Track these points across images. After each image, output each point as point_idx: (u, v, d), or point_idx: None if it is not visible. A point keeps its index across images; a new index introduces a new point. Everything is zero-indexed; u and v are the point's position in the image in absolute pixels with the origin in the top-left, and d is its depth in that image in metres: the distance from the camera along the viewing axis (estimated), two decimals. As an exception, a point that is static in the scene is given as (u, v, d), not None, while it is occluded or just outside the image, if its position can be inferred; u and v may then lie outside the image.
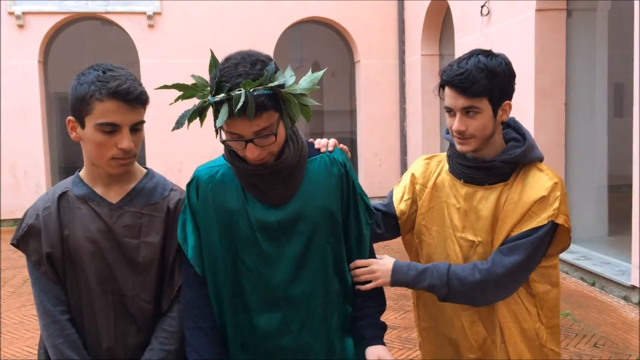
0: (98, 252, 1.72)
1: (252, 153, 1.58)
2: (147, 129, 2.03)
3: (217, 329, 1.74)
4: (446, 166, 2.00)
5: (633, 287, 5.12)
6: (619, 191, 7.90)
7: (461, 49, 8.26)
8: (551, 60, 6.40)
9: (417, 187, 2.03)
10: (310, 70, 1.63)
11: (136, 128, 1.68)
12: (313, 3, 10.67)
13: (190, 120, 1.56)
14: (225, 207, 1.70)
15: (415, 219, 2.03)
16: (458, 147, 1.86)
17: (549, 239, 1.83)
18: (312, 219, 1.70)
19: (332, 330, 1.76)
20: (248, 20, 10.37)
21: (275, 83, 1.51)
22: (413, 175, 2.05)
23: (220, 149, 1.72)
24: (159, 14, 10.23)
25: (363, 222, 1.81)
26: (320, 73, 1.62)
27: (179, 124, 1.54)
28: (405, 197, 2.04)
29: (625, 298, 5.25)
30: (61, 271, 1.74)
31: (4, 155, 9.76)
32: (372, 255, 1.87)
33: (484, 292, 1.83)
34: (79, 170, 1.82)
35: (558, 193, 1.81)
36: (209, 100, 1.53)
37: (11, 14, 9.71)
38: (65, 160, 12.45)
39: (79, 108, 1.64)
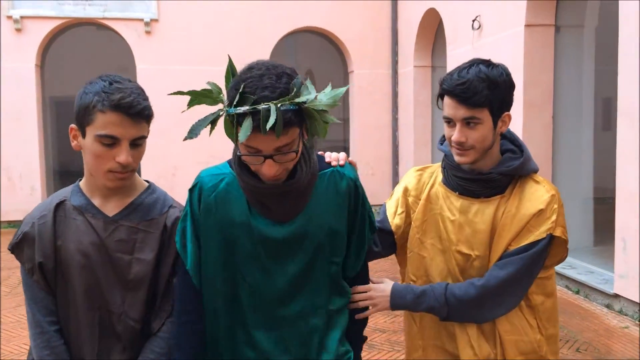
0: (88, 265, 1.67)
1: (269, 169, 1.49)
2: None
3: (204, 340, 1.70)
4: (439, 177, 1.96)
5: (615, 296, 5.28)
6: (604, 203, 8.07)
7: (453, 61, 8.45)
8: (539, 74, 6.59)
9: (410, 199, 1.99)
10: (308, 80, 1.52)
11: (137, 143, 1.64)
12: (308, 13, 10.84)
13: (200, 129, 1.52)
14: (227, 219, 1.63)
15: (409, 232, 1.99)
16: (457, 158, 1.81)
17: (547, 251, 1.81)
18: (317, 238, 1.64)
19: (333, 347, 1.71)
20: (244, 28, 10.51)
21: (302, 99, 1.45)
22: (406, 187, 2.01)
23: (217, 155, 1.77)
24: (155, 20, 10.35)
25: (366, 239, 1.77)
26: (343, 90, 1.54)
27: (193, 134, 1.49)
28: (399, 210, 2.00)
29: (607, 306, 5.41)
30: (52, 282, 1.70)
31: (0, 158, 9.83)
32: (365, 271, 1.83)
33: (482, 308, 1.81)
34: (80, 180, 1.79)
35: (555, 205, 1.79)
36: (228, 110, 1.46)
37: (9, 17, 9.79)
38: (60, 164, 12.50)
39: (82, 117, 1.62)
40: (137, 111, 1.60)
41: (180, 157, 10.07)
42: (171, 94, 1.59)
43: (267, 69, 1.46)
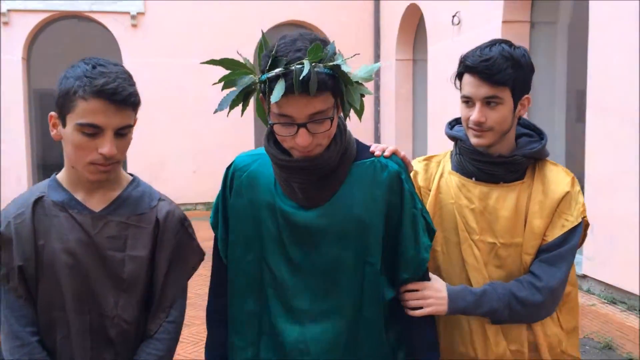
0: (76, 265, 1.52)
1: (303, 140, 1.37)
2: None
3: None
4: (448, 166, 1.87)
5: (584, 276, 5.62)
6: (577, 191, 8.43)
7: (434, 54, 8.75)
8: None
9: (421, 191, 1.87)
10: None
11: (122, 133, 1.49)
12: (292, 6, 11.05)
13: (232, 106, 1.43)
14: (256, 200, 1.55)
15: None
16: (473, 140, 1.72)
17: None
18: (343, 230, 1.50)
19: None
20: (229, 22, 10.70)
21: (336, 62, 1.36)
22: (415, 179, 1.87)
23: (205, 149, 1.89)
24: (142, 13, 10.49)
25: (422, 245, 1.56)
26: (377, 65, 1.53)
27: (221, 107, 1.41)
28: None
29: (577, 286, 5.73)
30: (33, 287, 1.53)
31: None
32: (425, 273, 1.65)
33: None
34: (56, 173, 1.63)
35: (578, 187, 1.75)
36: (261, 77, 1.37)
37: (-4, 10, 9.88)
38: (44, 157, 12.60)
39: (62, 104, 1.47)
40: (122, 98, 1.45)
41: (168, 149, 10.28)
42: (204, 62, 1.46)
43: (300, 34, 1.40)
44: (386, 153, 1.56)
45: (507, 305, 1.67)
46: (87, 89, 1.43)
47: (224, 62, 1.40)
